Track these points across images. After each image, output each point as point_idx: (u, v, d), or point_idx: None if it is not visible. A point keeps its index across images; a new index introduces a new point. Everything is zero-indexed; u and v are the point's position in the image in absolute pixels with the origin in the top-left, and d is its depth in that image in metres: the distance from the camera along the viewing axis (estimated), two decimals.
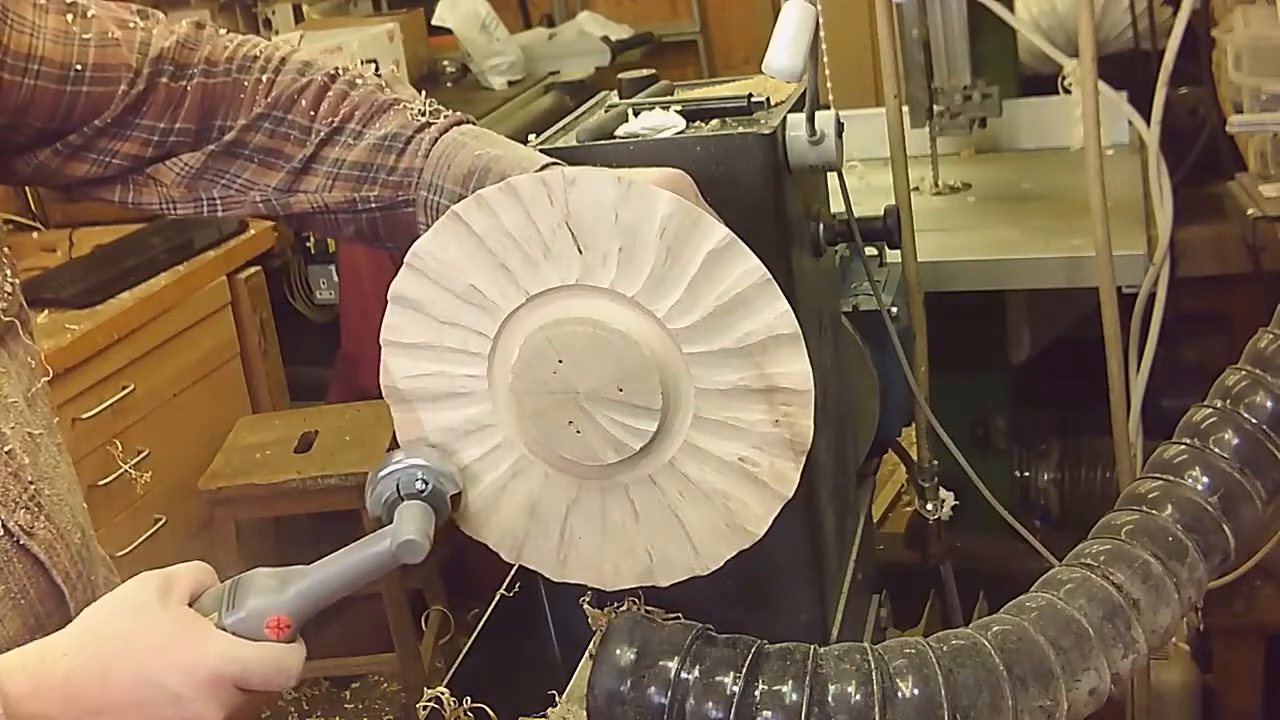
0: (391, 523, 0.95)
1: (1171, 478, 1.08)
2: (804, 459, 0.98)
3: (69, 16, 1.05)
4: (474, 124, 1.12)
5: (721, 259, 0.93)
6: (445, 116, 1.10)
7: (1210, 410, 1.10)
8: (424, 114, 1.10)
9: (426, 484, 0.97)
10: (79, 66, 1.04)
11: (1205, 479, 1.07)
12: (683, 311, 0.94)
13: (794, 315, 0.94)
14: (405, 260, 0.97)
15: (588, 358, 0.95)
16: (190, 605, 0.91)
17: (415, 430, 1.02)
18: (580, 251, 0.94)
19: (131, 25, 1.08)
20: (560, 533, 1.03)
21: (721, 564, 1.02)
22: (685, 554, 1.02)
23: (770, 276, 0.93)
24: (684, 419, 0.98)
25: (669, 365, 0.96)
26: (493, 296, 0.96)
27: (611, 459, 0.97)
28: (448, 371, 0.99)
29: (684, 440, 0.98)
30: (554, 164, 1.06)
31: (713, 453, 0.98)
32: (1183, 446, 1.10)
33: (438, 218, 0.97)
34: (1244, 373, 1.10)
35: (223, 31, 1.13)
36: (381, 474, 0.97)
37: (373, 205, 1.09)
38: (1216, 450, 1.08)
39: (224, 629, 0.90)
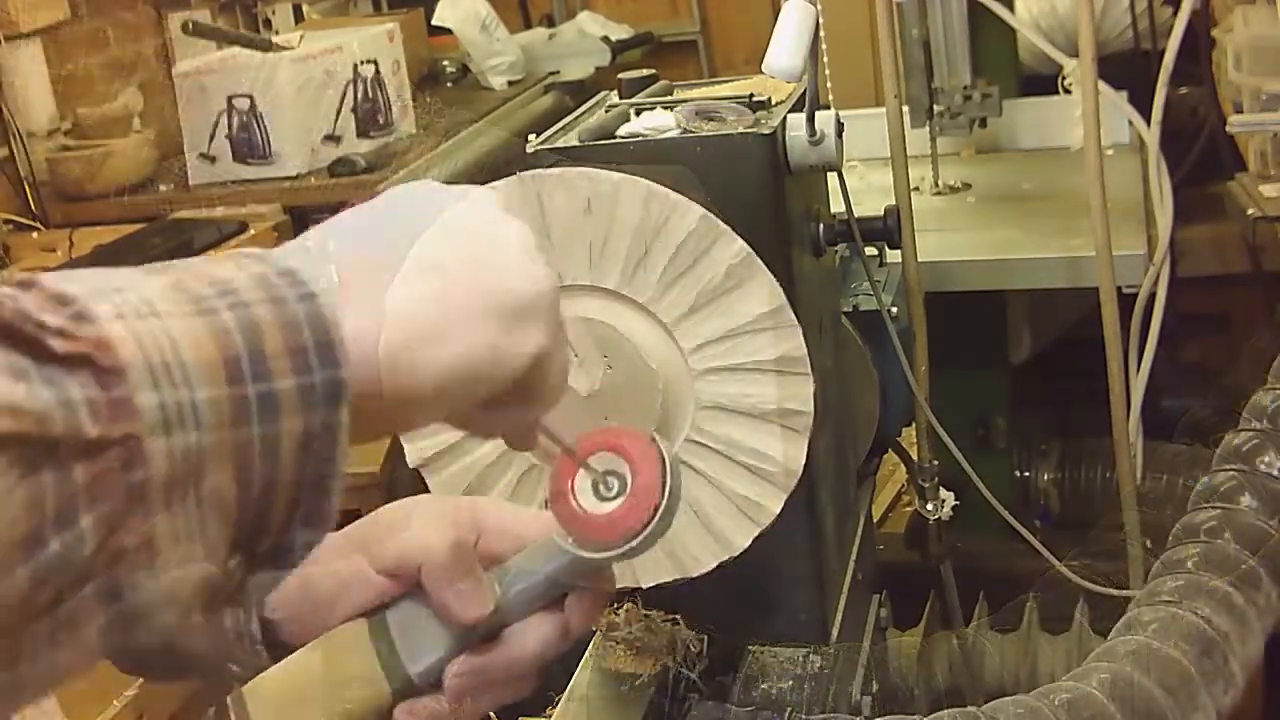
0: None
1: (1226, 505, 1.05)
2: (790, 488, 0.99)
3: None
4: None
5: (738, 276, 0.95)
6: None
7: (1250, 434, 1.07)
8: None
9: None
10: None
11: (1257, 503, 1.04)
12: (695, 326, 0.96)
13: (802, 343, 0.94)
14: None
15: (597, 359, 0.95)
16: None
17: None
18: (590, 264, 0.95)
19: None
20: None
21: (655, 583, 1.03)
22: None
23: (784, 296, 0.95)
24: (675, 440, 0.98)
25: (674, 386, 0.96)
26: None
27: None
28: None
29: None
30: None
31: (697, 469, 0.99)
32: (1230, 472, 1.07)
33: None
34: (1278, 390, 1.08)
35: None
36: None
37: None
38: (1266, 472, 1.05)
39: None
